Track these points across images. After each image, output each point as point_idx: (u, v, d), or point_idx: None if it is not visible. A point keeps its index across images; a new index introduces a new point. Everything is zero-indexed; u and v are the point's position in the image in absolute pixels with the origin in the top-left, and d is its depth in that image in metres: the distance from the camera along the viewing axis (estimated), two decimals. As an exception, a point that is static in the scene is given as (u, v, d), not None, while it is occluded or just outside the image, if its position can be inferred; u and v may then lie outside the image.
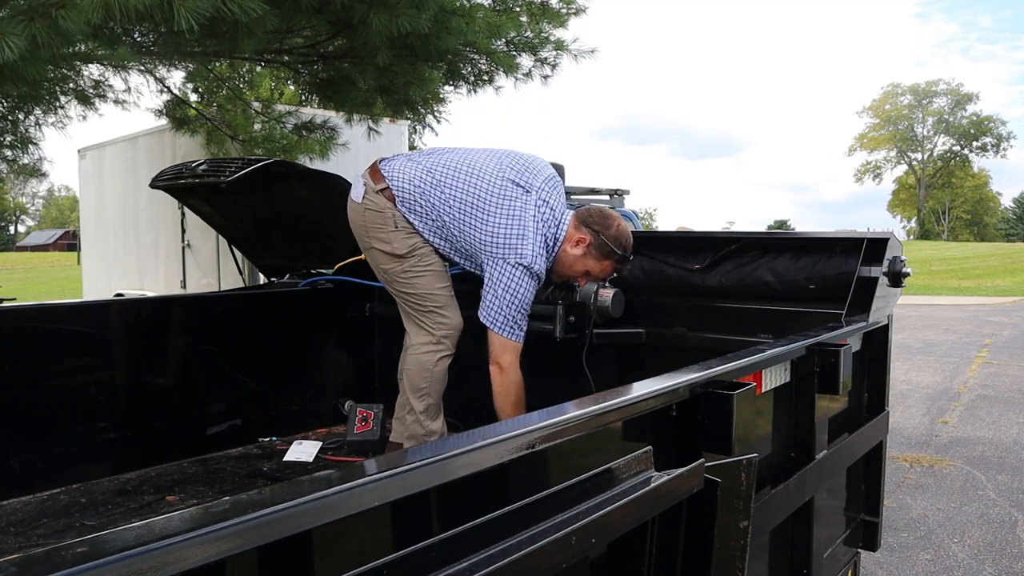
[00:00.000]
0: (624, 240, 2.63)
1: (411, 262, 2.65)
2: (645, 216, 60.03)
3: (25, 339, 2.71)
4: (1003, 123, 76.32)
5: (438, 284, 2.71)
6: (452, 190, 2.60)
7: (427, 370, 2.68)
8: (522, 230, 2.52)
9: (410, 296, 2.69)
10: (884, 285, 2.49)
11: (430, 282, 2.69)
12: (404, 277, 2.67)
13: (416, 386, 2.70)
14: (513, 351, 2.58)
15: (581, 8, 6.77)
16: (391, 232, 2.64)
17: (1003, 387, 7.79)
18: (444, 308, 2.70)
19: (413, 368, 2.71)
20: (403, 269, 2.66)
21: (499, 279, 2.53)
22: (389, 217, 2.64)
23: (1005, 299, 17.74)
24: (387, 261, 2.68)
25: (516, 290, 2.52)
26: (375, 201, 2.65)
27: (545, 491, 1.09)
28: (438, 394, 2.73)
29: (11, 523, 2.40)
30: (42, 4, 3.40)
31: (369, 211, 2.65)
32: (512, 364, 2.57)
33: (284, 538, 0.80)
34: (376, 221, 2.65)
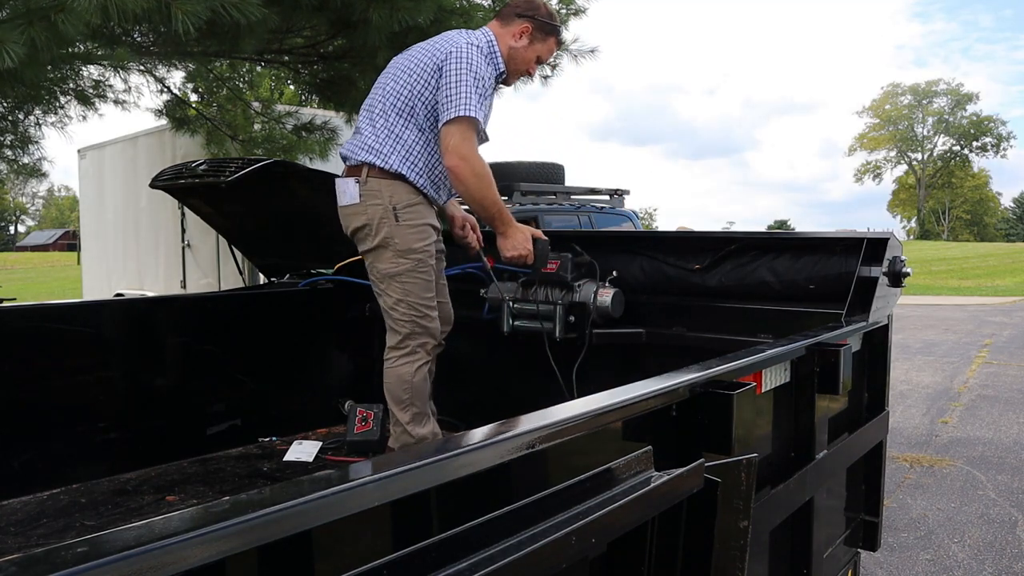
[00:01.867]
0: (554, 12, 2.83)
1: (410, 264, 2.59)
2: (645, 216, 60.05)
3: (25, 339, 2.71)
4: (1003, 123, 76.26)
5: (427, 293, 2.65)
6: (390, 90, 2.60)
7: (406, 381, 2.62)
8: (457, 34, 2.65)
9: (399, 304, 2.61)
10: (884, 285, 2.49)
11: (420, 290, 2.63)
12: (399, 282, 2.59)
13: (398, 398, 2.64)
14: (472, 139, 2.49)
15: (581, 9, 6.76)
16: (394, 226, 2.57)
17: (1003, 387, 7.79)
18: (425, 318, 2.63)
19: (392, 381, 2.65)
20: (400, 271, 2.59)
21: (455, 63, 2.49)
22: (388, 206, 2.57)
23: (1005, 299, 17.74)
24: (387, 260, 2.61)
25: (472, 63, 2.49)
26: (370, 191, 2.59)
27: (545, 491, 1.09)
28: (423, 401, 2.67)
29: (11, 523, 2.40)
30: (40, 8, 3.40)
31: (372, 206, 2.59)
32: (473, 151, 2.50)
33: (284, 538, 0.80)
34: (378, 215, 2.58)
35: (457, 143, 2.47)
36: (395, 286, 2.60)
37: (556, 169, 6.26)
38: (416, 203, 2.60)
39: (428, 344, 2.66)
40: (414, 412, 2.64)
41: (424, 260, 2.62)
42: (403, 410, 2.63)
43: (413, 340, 2.63)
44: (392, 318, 2.65)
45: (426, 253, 2.63)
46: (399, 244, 2.58)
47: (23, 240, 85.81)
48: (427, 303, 2.64)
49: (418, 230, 2.61)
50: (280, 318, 3.47)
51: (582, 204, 5.91)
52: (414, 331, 2.62)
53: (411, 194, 2.60)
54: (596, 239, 3.62)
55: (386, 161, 2.57)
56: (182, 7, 3.50)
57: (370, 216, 2.60)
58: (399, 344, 2.64)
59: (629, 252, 3.05)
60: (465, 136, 2.47)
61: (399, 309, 2.62)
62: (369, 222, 2.60)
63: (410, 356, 2.63)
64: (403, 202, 2.58)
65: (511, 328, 3.05)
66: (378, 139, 2.60)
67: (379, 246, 2.60)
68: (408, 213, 2.59)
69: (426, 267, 2.63)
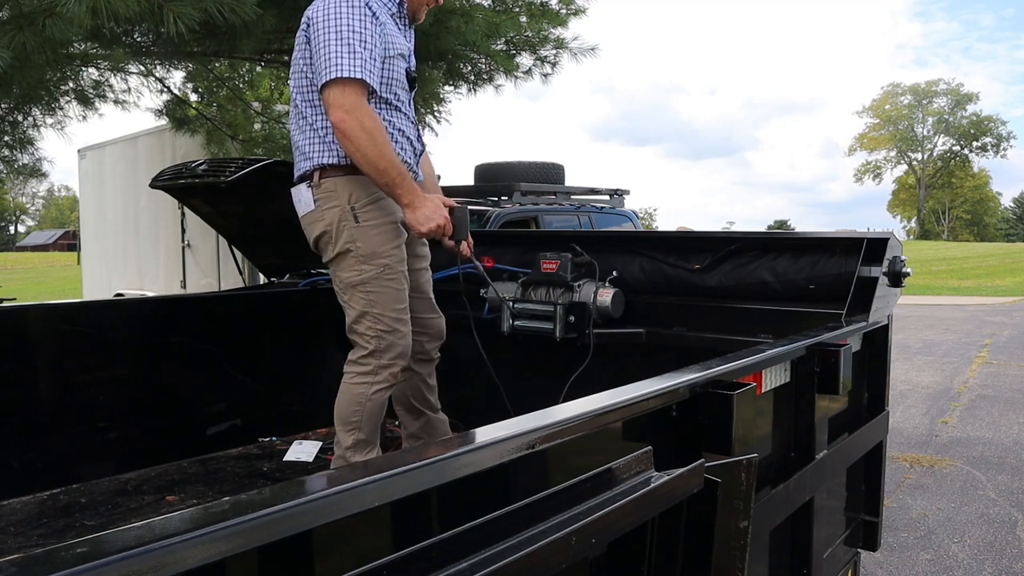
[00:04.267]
0: None
1: (374, 271, 2.33)
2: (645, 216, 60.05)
3: (25, 339, 2.71)
4: (1003, 123, 76.43)
5: (396, 304, 2.37)
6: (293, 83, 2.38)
7: (359, 403, 2.35)
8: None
9: (363, 317, 2.35)
10: (884, 285, 2.49)
11: (388, 300, 2.36)
12: (363, 291, 2.33)
13: (345, 418, 2.37)
14: (354, 92, 2.18)
15: (581, 8, 6.77)
16: (355, 229, 2.32)
17: (1003, 387, 7.79)
18: (393, 333, 2.36)
19: (344, 398, 2.39)
20: (363, 280, 2.33)
21: (316, 26, 2.23)
22: (346, 207, 2.31)
23: (1005, 299, 17.74)
24: (349, 268, 2.35)
25: (331, 18, 2.19)
26: (326, 193, 2.34)
27: (545, 491, 1.09)
28: (372, 429, 2.39)
29: (11, 523, 2.40)
30: (30, 12, 3.40)
31: (329, 210, 2.33)
32: (358, 103, 2.18)
33: (284, 538, 0.80)
34: (336, 219, 2.33)
35: (337, 97, 2.17)
36: (359, 296, 2.33)
37: (556, 169, 6.26)
38: (378, 198, 2.33)
39: (395, 368, 2.37)
40: (358, 438, 2.37)
41: (392, 266, 2.35)
42: (347, 432, 2.37)
43: (377, 359, 2.35)
44: (356, 332, 2.37)
45: (393, 257, 2.36)
46: (362, 248, 2.32)
47: (23, 240, 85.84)
48: (396, 315, 2.36)
49: (382, 230, 2.34)
50: (280, 318, 3.47)
51: (582, 204, 5.91)
52: (379, 348, 2.34)
53: (371, 186, 2.31)
54: (596, 239, 3.62)
55: (320, 158, 2.32)
56: (174, 8, 3.50)
57: (328, 221, 2.33)
58: (361, 360, 2.37)
59: (629, 252, 3.05)
60: (346, 90, 2.17)
61: (364, 322, 2.34)
62: (328, 228, 2.34)
63: (370, 376, 2.35)
64: (363, 199, 2.31)
65: (511, 328, 3.05)
66: (304, 137, 2.37)
67: (340, 253, 2.34)
68: (369, 211, 2.32)
69: (394, 274, 2.36)
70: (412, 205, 2.28)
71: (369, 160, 2.19)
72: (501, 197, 5.21)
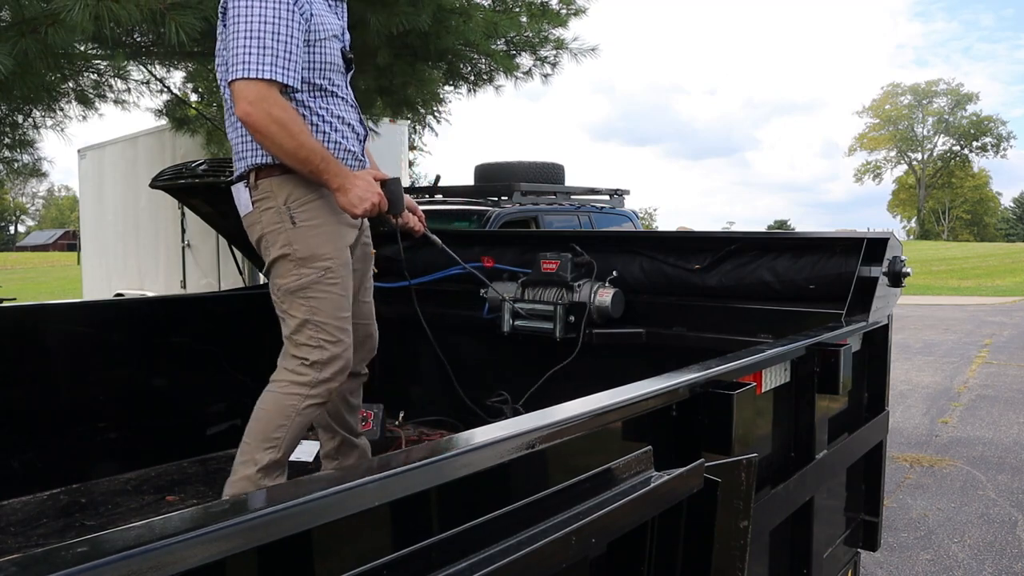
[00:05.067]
0: None
1: (314, 275, 2.17)
2: (645, 216, 60.05)
3: (25, 339, 2.71)
4: (1003, 123, 76.45)
5: (339, 312, 2.20)
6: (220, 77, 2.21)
7: (287, 417, 2.13)
8: None
9: (303, 326, 2.17)
10: (884, 285, 2.49)
11: (330, 307, 2.19)
12: (302, 297, 2.16)
13: (266, 433, 2.13)
14: (258, 84, 2.00)
15: (581, 9, 6.77)
16: (291, 231, 2.16)
17: (1003, 387, 7.78)
18: (336, 344, 2.19)
19: (270, 409, 2.15)
20: (302, 285, 2.16)
21: (229, 19, 2.07)
22: (282, 208, 2.16)
23: (1005, 299, 17.74)
24: (287, 272, 2.19)
25: (255, 6, 2.02)
26: (262, 194, 2.18)
27: (545, 491, 1.09)
28: (290, 448, 2.18)
29: (11, 523, 2.40)
30: (32, 18, 3.40)
31: (265, 212, 2.19)
32: (265, 93, 2.00)
33: (284, 538, 0.80)
34: (273, 221, 2.18)
35: (241, 89, 2.01)
36: (298, 304, 2.16)
37: (556, 169, 6.26)
38: (317, 197, 2.18)
39: (333, 383, 2.19)
40: (274, 459, 2.13)
41: (333, 269, 2.19)
42: (264, 450, 2.13)
43: (317, 371, 2.16)
44: (296, 344, 2.18)
45: (335, 260, 2.19)
46: (299, 251, 2.16)
47: (23, 240, 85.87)
48: (339, 324, 2.19)
49: (322, 231, 2.19)
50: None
51: (582, 204, 5.91)
52: (320, 360, 2.15)
53: (307, 185, 2.16)
54: (596, 239, 3.62)
55: (254, 157, 2.17)
56: (176, 17, 3.50)
57: (264, 224, 2.18)
58: (298, 369, 2.17)
59: (629, 252, 3.05)
60: (251, 83, 2.00)
61: (305, 332, 2.16)
62: (265, 232, 2.19)
63: (305, 388, 2.16)
64: (300, 199, 2.16)
65: (511, 328, 3.05)
66: (237, 135, 2.21)
67: (277, 258, 2.18)
68: (307, 212, 2.17)
69: (337, 278, 2.20)
70: (343, 188, 2.14)
71: (287, 151, 2.05)
72: (501, 197, 5.21)
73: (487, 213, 4.96)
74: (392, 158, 9.73)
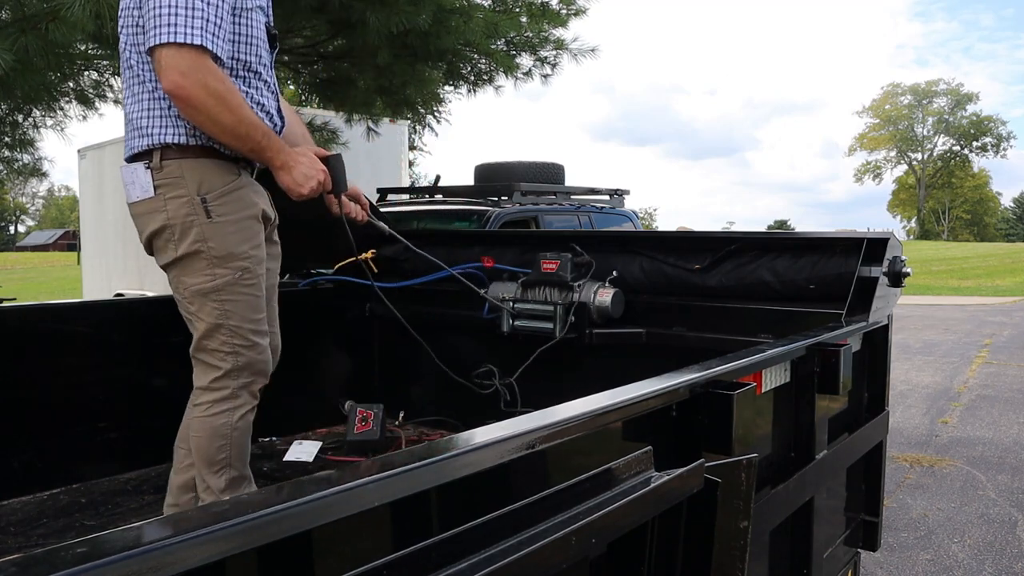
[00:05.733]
0: None
1: (231, 275, 1.98)
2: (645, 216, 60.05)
3: (25, 339, 2.70)
4: (1003, 123, 76.50)
5: (255, 314, 2.04)
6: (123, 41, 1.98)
7: (223, 436, 2.00)
8: None
9: (216, 330, 2.00)
10: (884, 285, 2.49)
11: (246, 309, 2.01)
12: (216, 300, 1.98)
13: (211, 458, 2.00)
14: (189, 54, 1.77)
15: (581, 9, 6.77)
16: (206, 225, 1.94)
17: (1003, 387, 7.78)
18: (253, 348, 2.03)
19: (203, 435, 2.01)
20: (217, 286, 1.98)
21: None
22: (195, 197, 1.92)
23: (1005, 299, 17.74)
24: (199, 272, 1.98)
25: None
26: (168, 179, 1.94)
27: (545, 491, 1.09)
28: (243, 460, 2.06)
29: (11, 523, 2.40)
30: (33, 15, 3.40)
31: (172, 200, 1.94)
32: (198, 64, 1.78)
33: (284, 538, 0.80)
34: (183, 212, 1.94)
35: (171, 58, 1.77)
36: (210, 307, 1.98)
37: (556, 169, 6.26)
38: (234, 187, 1.98)
39: (255, 384, 2.06)
40: (231, 477, 2.02)
41: (251, 269, 2.01)
42: (217, 474, 2.00)
43: (235, 379, 2.01)
44: (207, 350, 2.02)
45: (252, 259, 2.01)
46: (215, 248, 1.95)
47: (23, 240, 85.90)
48: (255, 327, 2.04)
49: (240, 227, 1.99)
50: (280, 318, 3.46)
51: (582, 204, 5.91)
52: (236, 367, 2.00)
53: (227, 173, 1.97)
54: (596, 239, 3.62)
55: (163, 134, 1.92)
56: None
57: (171, 215, 1.94)
58: (215, 384, 2.01)
59: (629, 252, 3.05)
60: (182, 50, 1.77)
61: (217, 337, 1.99)
62: (170, 223, 1.94)
63: (230, 401, 2.01)
64: (216, 188, 1.94)
65: (511, 328, 3.05)
66: (141, 108, 1.95)
67: (187, 255, 1.96)
68: (224, 204, 1.96)
69: (253, 278, 2.02)
70: (286, 166, 1.98)
71: (225, 127, 1.84)
72: (501, 197, 5.21)
73: (487, 213, 4.96)
74: (392, 158, 9.74)
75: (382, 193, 5.88)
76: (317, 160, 2.07)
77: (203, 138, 1.93)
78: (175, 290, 2.06)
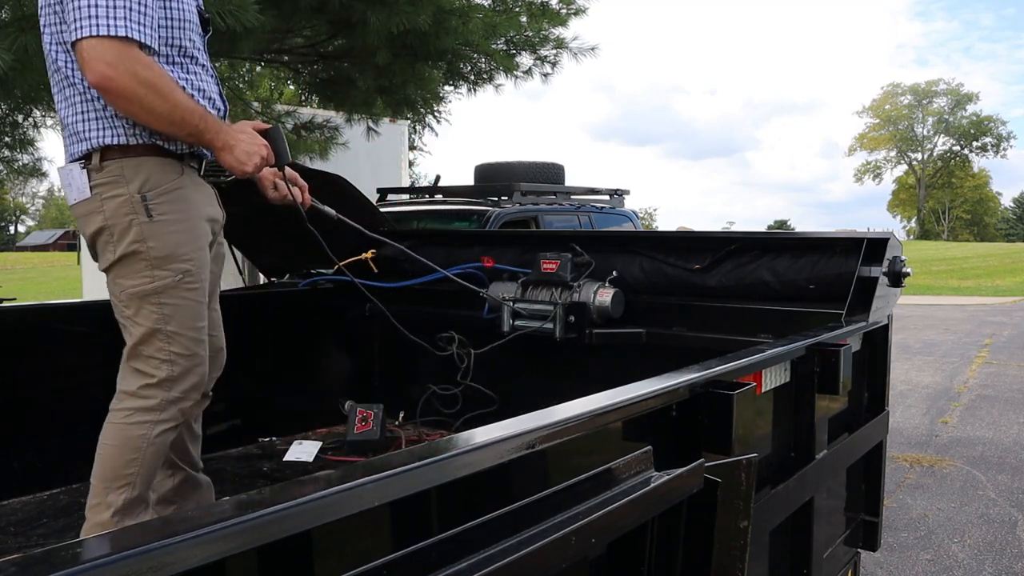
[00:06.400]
0: None
1: (171, 278, 1.87)
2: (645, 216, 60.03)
3: (25, 339, 2.70)
4: (1003, 123, 76.52)
5: (197, 321, 1.93)
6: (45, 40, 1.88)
7: (137, 449, 1.84)
8: None
9: (153, 336, 1.87)
10: (884, 285, 2.49)
11: (187, 315, 1.90)
12: (154, 304, 1.86)
13: (116, 471, 1.83)
14: (113, 44, 1.69)
15: (581, 8, 6.77)
16: (146, 225, 1.85)
17: (1003, 387, 7.79)
18: (192, 358, 1.91)
19: (115, 443, 1.85)
20: (156, 289, 1.86)
21: None
22: (135, 196, 1.84)
23: (1005, 299, 17.74)
24: (137, 274, 1.87)
25: None
26: (107, 178, 1.84)
27: (545, 491, 1.09)
28: (146, 483, 1.89)
29: (11, 523, 2.41)
30: (33, 14, 3.40)
31: (110, 200, 1.84)
32: (124, 53, 1.69)
33: (284, 538, 0.80)
34: (122, 212, 1.84)
35: (94, 50, 1.68)
36: (148, 310, 1.86)
37: (556, 169, 6.26)
38: (177, 186, 1.89)
39: (187, 403, 1.91)
40: (131, 497, 1.84)
41: (193, 272, 1.91)
42: (117, 490, 1.83)
43: (166, 391, 1.87)
44: (141, 357, 1.87)
45: (195, 261, 1.91)
46: (155, 249, 1.85)
47: (23, 240, 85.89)
48: (195, 336, 1.92)
49: (183, 227, 1.90)
50: (280, 318, 3.47)
51: (582, 204, 5.91)
52: (170, 377, 1.87)
53: (171, 171, 1.88)
54: (596, 239, 3.62)
55: (102, 137, 1.83)
56: None
57: (109, 215, 1.84)
58: (142, 392, 1.87)
59: (629, 252, 3.05)
60: (105, 41, 1.69)
61: (154, 343, 1.86)
62: (108, 223, 1.85)
63: (154, 413, 1.86)
64: (158, 187, 1.86)
65: (511, 328, 3.05)
66: (73, 111, 1.86)
67: (125, 255, 1.85)
68: (165, 203, 1.87)
69: (196, 282, 1.91)
70: (227, 145, 1.89)
71: (160, 115, 1.76)
72: (501, 197, 5.21)
73: (487, 213, 4.96)
74: (392, 158, 9.74)
75: (382, 193, 5.88)
76: (257, 135, 1.98)
77: (144, 136, 1.85)
78: (112, 294, 1.93)
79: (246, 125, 1.99)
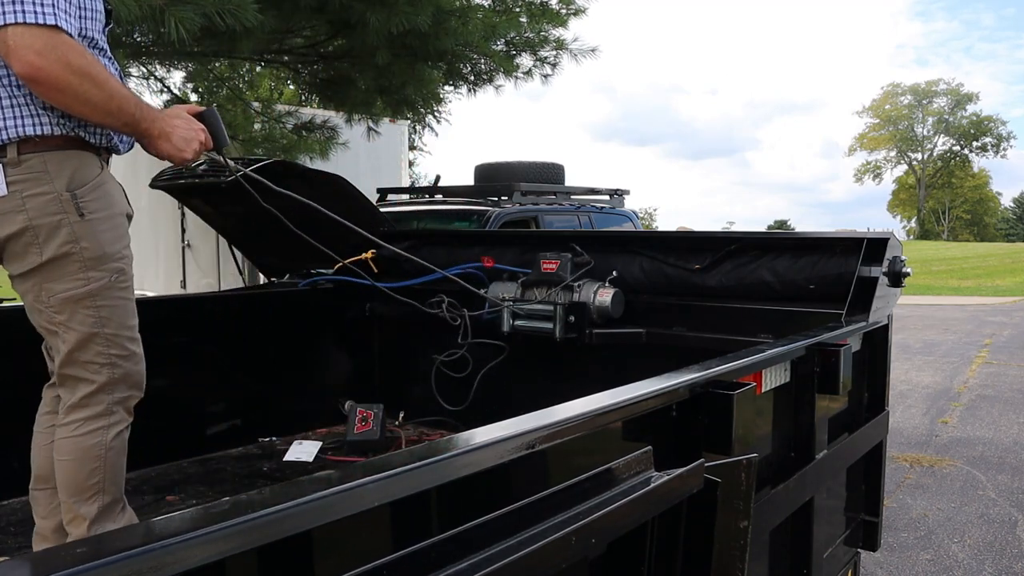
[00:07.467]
0: None
1: (106, 278, 1.79)
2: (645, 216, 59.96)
3: (25, 339, 2.70)
4: (1003, 123, 76.53)
5: (131, 320, 1.85)
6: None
7: (96, 457, 1.79)
8: None
9: (91, 340, 1.79)
10: (884, 285, 2.49)
11: (122, 315, 1.83)
12: (90, 307, 1.78)
13: (81, 485, 1.79)
14: (41, 33, 1.58)
15: (581, 9, 6.77)
16: (78, 224, 1.74)
17: (1003, 387, 7.79)
18: (130, 358, 1.84)
19: (74, 457, 1.79)
20: (91, 291, 1.77)
21: None
22: (63, 194, 1.72)
23: (1005, 299, 17.74)
24: (71, 277, 1.76)
25: None
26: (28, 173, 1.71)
27: (545, 491, 1.09)
28: (118, 484, 1.85)
29: (11, 523, 2.41)
30: None
31: (33, 198, 1.71)
32: (53, 41, 1.59)
33: (284, 538, 0.80)
34: (49, 211, 1.72)
35: (21, 38, 1.57)
36: (83, 314, 1.77)
37: (556, 169, 6.26)
38: (102, 181, 1.80)
39: (131, 400, 1.86)
40: (105, 503, 1.82)
41: (125, 270, 1.84)
42: (89, 501, 1.80)
43: (109, 394, 1.81)
44: (79, 363, 1.80)
45: (126, 259, 1.85)
46: (88, 250, 1.75)
47: None
48: (131, 335, 1.85)
49: (112, 224, 1.81)
50: (280, 318, 3.47)
51: (582, 204, 5.91)
52: (111, 380, 1.81)
53: (92, 165, 1.79)
54: (596, 239, 3.62)
55: (20, 126, 1.70)
56: (176, 13, 3.50)
57: (33, 215, 1.71)
58: (87, 400, 1.80)
59: (629, 252, 3.05)
60: (31, 29, 1.58)
61: (92, 348, 1.79)
62: (32, 223, 1.71)
63: (104, 419, 1.81)
64: (85, 182, 1.75)
65: (511, 328, 3.05)
66: None
67: (55, 258, 1.74)
68: (95, 199, 1.77)
69: (127, 281, 1.85)
70: (164, 133, 1.81)
71: (96, 105, 1.66)
72: (501, 197, 5.21)
73: (487, 213, 4.96)
74: (392, 158, 9.74)
75: (382, 193, 5.89)
76: (193, 119, 1.90)
77: (68, 126, 1.74)
78: (36, 299, 1.81)
79: (180, 109, 1.91)
